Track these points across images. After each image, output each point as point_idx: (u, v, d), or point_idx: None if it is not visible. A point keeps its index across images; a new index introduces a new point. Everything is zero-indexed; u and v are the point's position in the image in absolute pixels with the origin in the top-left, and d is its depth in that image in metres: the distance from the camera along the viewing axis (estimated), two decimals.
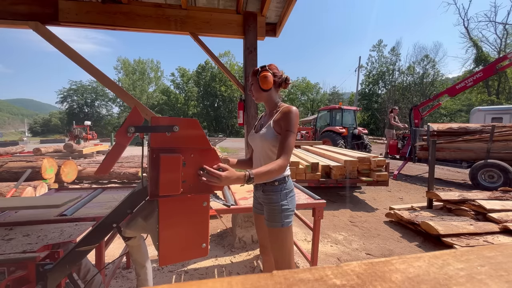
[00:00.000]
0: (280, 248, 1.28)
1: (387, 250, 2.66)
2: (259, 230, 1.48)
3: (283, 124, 1.21)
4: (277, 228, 1.26)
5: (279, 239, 1.27)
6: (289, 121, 1.20)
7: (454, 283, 0.25)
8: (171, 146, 0.85)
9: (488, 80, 22.55)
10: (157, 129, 0.83)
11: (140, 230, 1.01)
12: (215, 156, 0.93)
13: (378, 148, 13.71)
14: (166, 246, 0.85)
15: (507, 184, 4.70)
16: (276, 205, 1.27)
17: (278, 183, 1.28)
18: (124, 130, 0.82)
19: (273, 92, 1.32)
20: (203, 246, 0.91)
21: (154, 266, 2.20)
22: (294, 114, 1.21)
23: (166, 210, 0.84)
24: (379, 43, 33.37)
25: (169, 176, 0.81)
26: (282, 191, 1.28)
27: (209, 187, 0.92)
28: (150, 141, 0.84)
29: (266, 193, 1.30)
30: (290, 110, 1.22)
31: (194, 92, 43.58)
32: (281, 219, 1.26)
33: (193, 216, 0.89)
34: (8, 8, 2.25)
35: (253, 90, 1.32)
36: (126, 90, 2.51)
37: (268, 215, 1.29)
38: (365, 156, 4.39)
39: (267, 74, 1.24)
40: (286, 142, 1.17)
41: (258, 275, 0.25)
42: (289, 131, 1.19)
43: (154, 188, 0.83)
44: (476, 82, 5.96)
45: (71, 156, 9.03)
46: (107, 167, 0.84)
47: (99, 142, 19.68)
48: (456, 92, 6.25)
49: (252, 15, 2.66)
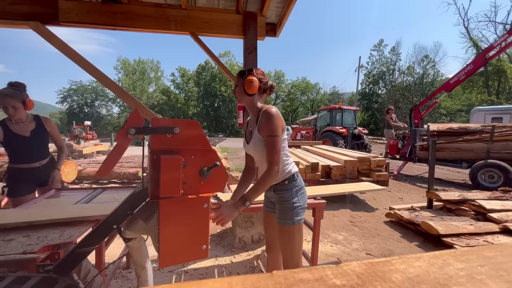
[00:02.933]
0: (290, 245, 1.30)
1: (387, 250, 2.66)
2: (268, 228, 1.50)
3: (265, 130, 1.21)
4: (288, 226, 1.28)
5: (290, 236, 1.29)
6: (270, 126, 1.19)
7: (454, 283, 0.25)
8: (171, 148, 0.85)
9: (488, 80, 22.59)
10: (157, 131, 0.83)
11: (141, 231, 1.01)
12: (215, 157, 0.93)
13: (378, 148, 13.71)
14: (166, 247, 0.85)
15: (507, 184, 4.69)
16: (288, 203, 1.29)
17: (288, 182, 1.30)
18: (124, 132, 0.81)
19: (256, 97, 1.30)
20: (203, 247, 0.91)
21: (154, 266, 2.20)
22: (274, 117, 1.20)
23: (166, 212, 0.84)
24: (380, 43, 33.38)
25: (169, 177, 0.81)
26: (293, 189, 1.31)
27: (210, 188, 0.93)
28: (151, 142, 0.84)
29: (276, 192, 1.33)
30: (269, 113, 1.20)
31: (194, 92, 43.58)
32: (292, 217, 1.28)
33: (193, 218, 0.89)
34: (8, 8, 2.25)
35: (237, 92, 1.30)
36: (126, 90, 2.52)
37: (280, 213, 1.32)
38: (365, 156, 4.39)
39: (253, 79, 1.23)
40: (272, 150, 1.18)
41: (258, 275, 0.25)
42: (271, 136, 1.19)
43: (154, 190, 0.83)
44: (468, 74, 6.02)
45: (71, 156, 9.03)
46: (107, 169, 0.84)
47: (99, 142, 19.67)
48: (451, 86, 6.30)
49: (252, 15, 2.66)
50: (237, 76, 1.30)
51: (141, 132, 0.84)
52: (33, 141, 1.93)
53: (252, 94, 1.27)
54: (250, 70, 1.26)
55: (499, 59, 21.68)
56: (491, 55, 5.91)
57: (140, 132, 0.83)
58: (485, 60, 5.83)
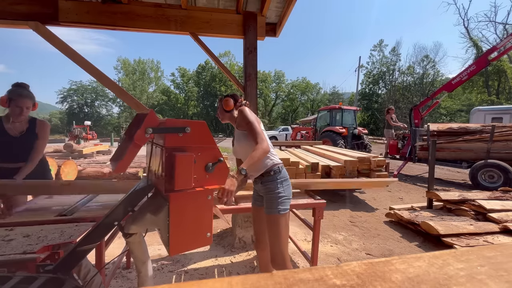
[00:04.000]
0: (276, 234, 1.40)
1: (387, 250, 2.66)
2: (257, 223, 1.62)
3: (242, 123, 1.46)
4: (274, 214, 1.41)
5: (276, 225, 1.40)
6: (244, 117, 1.43)
7: (454, 283, 0.25)
8: (182, 145, 0.94)
9: (488, 80, 22.58)
10: (171, 130, 0.92)
11: (148, 224, 1.06)
12: (219, 153, 1.03)
13: (378, 148, 13.71)
14: (176, 237, 0.93)
15: (507, 184, 4.69)
16: (274, 193, 1.43)
17: (273, 173, 1.45)
18: (142, 131, 0.88)
19: (234, 112, 1.60)
20: (207, 235, 1.01)
21: (154, 266, 2.20)
22: (246, 110, 1.45)
23: (176, 204, 0.92)
24: (380, 43, 33.36)
25: (183, 172, 0.90)
26: (278, 180, 1.45)
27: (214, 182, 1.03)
28: (165, 141, 0.92)
29: (264, 184, 1.47)
30: (241, 110, 1.47)
31: (194, 92, 43.53)
32: (277, 205, 1.41)
33: (199, 208, 0.98)
34: (8, 8, 2.25)
35: (219, 112, 1.62)
36: (126, 90, 2.51)
37: (267, 203, 1.45)
38: (365, 156, 4.39)
39: (228, 99, 1.57)
40: (253, 131, 1.40)
41: (258, 275, 0.25)
42: (249, 123, 1.41)
43: (168, 184, 0.90)
44: (470, 75, 6.01)
45: (71, 156, 9.02)
46: (125, 166, 0.91)
47: (99, 142, 19.67)
48: (453, 87, 6.28)
49: (252, 15, 2.66)
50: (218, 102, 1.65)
51: (157, 131, 0.91)
52: (20, 142, 1.85)
53: (230, 110, 1.59)
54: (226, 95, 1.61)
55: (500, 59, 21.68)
56: (494, 57, 5.89)
57: (156, 132, 0.91)
58: (487, 61, 5.82)
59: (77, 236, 1.19)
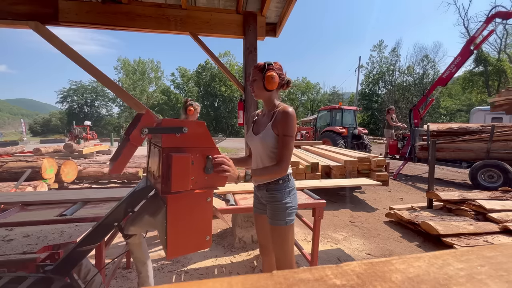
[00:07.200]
0: (283, 246, 1.29)
1: (387, 250, 2.66)
2: (260, 230, 1.48)
3: (281, 128, 1.21)
4: (281, 226, 1.28)
5: (282, 237, 1.28)
6: (287, 125, 1.20)
7: (454, 283, 0.25)
8: (180, 146, 0.91)
9: (488, 80, 22.59)
10: (168, 131, 0.89)
11: (147, 226, 1.03)
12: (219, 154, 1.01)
13: (378, 148, 13.70)
14: (174, 239, 0.90)
15: (507, 184, 4.69)
16: (280, 203, 1.28)
17: (282, 182, 1.30)
18: (138, 131, 0.86)
19: (274, 93, 1.31)
20: (207, 238, 0.97)
21: (154, 266, 2.20)
22: (292, 116, 1.21)
23: (174, 206, 0.89)
24: (380, 43, 33.35)
25: (180, 173, 0.87)
26: (286, 189, 1.30)
27: (213, 183, 0.98)
28: (162, 141, 0.89)
29: (270, 192, 1.31)
30: (288, 112, 1.21)
31: (194, 92, 43.48)
32: (285, 217, 1.28)
33: (198, 211, 0.95)
34: (8, 8, 2.25)
35: (255, 87, 1.28)
36: (126, 90, 2.51)
37: (272, 214, 1.30)
38: (365, 156, 4.39)
39: (274, 74, 1.22)
40: (285, 148, 1.20)
41: (258, 275, 0.25)
42: (287, 136, 1.20)
43: (165, 185, 0.88)
44: (458, 66, 6.26)
45: (71, 156, 9.02)
46: (120, 167, 0.88)
47: (99, 142, 19.67)
48: (445, 80, 6.46)
49: (252, 15, 2.66)
50: (256, 70, 1.27)
51: (153, 131, 0.89)
52: None
53: (271, 90, 1.26)
54: (270, 65, 1.24)
55: (499, 59, 21.68)
56: (476, 44, 6.17)
57: (152, 132, 0.89)
58: (471, 50, 6.10)
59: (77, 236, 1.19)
